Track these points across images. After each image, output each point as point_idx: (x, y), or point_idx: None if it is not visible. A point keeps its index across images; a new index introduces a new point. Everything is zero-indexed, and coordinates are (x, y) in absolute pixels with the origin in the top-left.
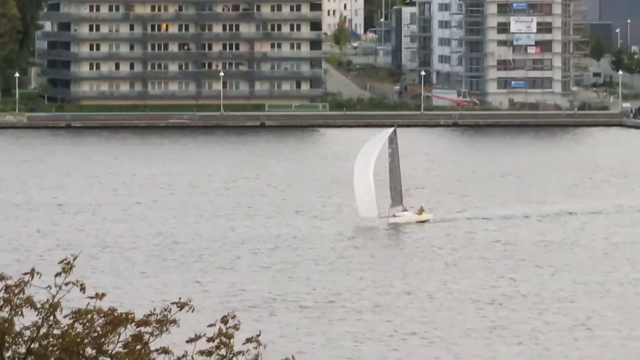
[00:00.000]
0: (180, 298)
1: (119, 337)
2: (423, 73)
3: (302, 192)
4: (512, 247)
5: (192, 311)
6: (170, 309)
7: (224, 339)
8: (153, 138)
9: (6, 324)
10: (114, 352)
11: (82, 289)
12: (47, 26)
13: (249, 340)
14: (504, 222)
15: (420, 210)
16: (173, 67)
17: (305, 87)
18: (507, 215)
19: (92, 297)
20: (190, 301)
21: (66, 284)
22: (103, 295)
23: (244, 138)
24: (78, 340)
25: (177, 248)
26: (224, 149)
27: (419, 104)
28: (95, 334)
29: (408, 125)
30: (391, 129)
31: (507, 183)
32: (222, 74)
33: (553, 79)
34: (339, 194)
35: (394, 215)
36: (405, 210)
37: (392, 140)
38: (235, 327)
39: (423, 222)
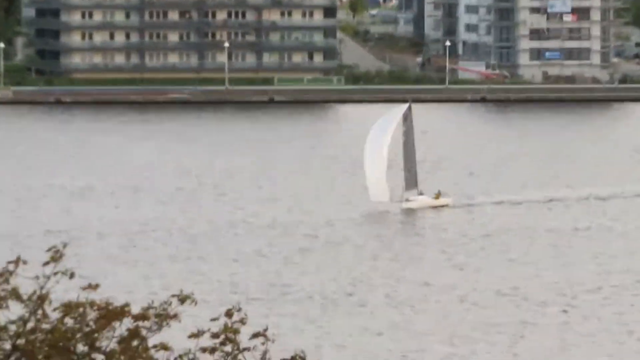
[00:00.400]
0: (181, 290)
1: (113, 332)
2: (448, 43)
3: (312, 174)
4: (541, 234)
5: (195, 304)
6: (171, 302)
7: (229, 335)
8: (151, 115)
9: None
10: (108, 349)
11: (72, 277)
12: None
13: (255, 335)
14: (533, 207)
15: (438, 194)
16: (173, 37)
17: (318, 59)
18: (536, 199)
19: (84, 289)
20: (192, 294)
21: (55, 274)
22: (96, 286)
23: (250, 115)
24: (69, 335)
25: (176, 235)
26: (228, 127)
27: (444, 78)
28: (88, 329)
29: (431, 101)
30: (405, 105)
31: (538, 164)
32: (226, 44)
33: (591, 49)
34: (352, 177)
35: (408, 200)
36: (420, 194)
37: (407, 117)
38: (242, 322)
39: (440, 207)
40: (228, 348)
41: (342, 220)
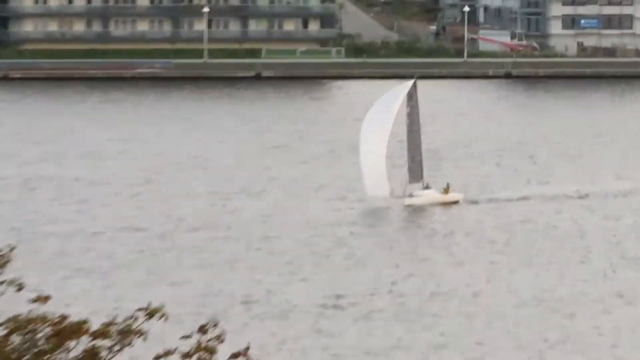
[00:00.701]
0: (149, 302)
1: (68, 353)
2: (467, 9)
3: (303, 164)
4: (571, 235)
5: (165, 319)
6: (136, 317)
7: (203, 355)
8: (116, 93)
9: None
10: None
11: (20, 289)
12: None
13: (235, 356)
14: (563, 203)
15: (447, 189)
16: (143, 2)
17: (314, 26)
18: (567, 194)
19: (34, 301)
20: (162, 306)
21: (0, 283)
22: (47, 298)
23: (234, 93)
24: (14, 356)
25: (142, 236)
26: (207, 108)
27: (462, 49)
28: (38, 349)
29: (446, 77)
30: (410, 82)
31: (572, 152)
32: (206, 9)
33: (634, 16)
34: (349, 166)
35: (411, 195)
36: (427, 187)
37: (412, 96)
38: (219, 339)
39: (450, 203)
40: None
41: (334, 218)
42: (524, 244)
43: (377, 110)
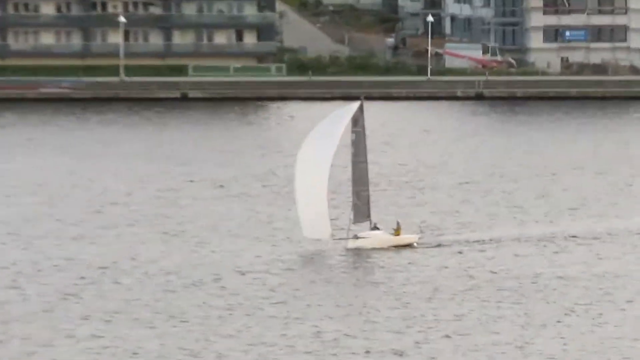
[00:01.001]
0: None
1: None
2: (430, 18)
3: (233, 200)
4: (553, 285)
5: None
6: None
7: None
8: (14, 116)
9: None
10: None
11: None
12: None
13: None
14: (539, 247)
15: (398, 229)
16: (47, 9)
17: (250, 39)
18: (544, 235)
19: None
20: None
21: None
22: None
23: (154, 117)
24: None
25: (40, 281)
26: (122, 134)
27: (425, 66)
28: None
29: (407, 98)
30: (356, 104)
31: (552, 187)
32: (122, 19)
33: (628, 27)
34: (284, 204)
35: (356, 237)
36: (375, 227)
37: (357, 121)
38: None
39: (403, 246)
40: None
41: (266, 265)
42: (489, 296)
43: (315, 137)
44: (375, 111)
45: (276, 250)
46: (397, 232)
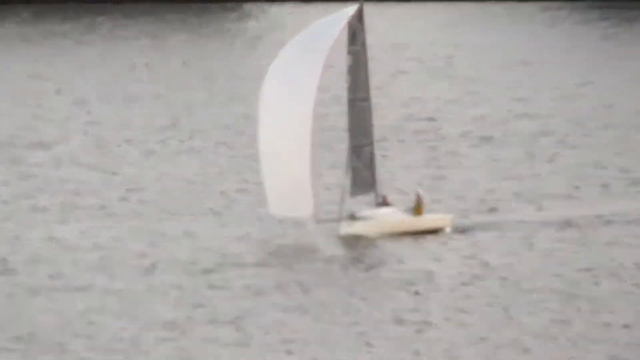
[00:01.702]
0: None
1: None
2: None
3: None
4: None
5: None
6: None
7: None
8: None
9: None
10: None
11: None
12: None
13: None
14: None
15: (419, 205)
16: None
17: None
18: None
19: None
20: None
21: None
22: None
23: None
24: None
25: None
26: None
27: None
28: None
29: None
30: (354, 7)
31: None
32: None
33: None
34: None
35: (354, 217)
36: (383, 203)
37: (355, 35)
38: None
39: (428, 232)
40: None
41: (231, 258)
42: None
43: (285, 67)
44: (376, 20)
45: (238, 230)
46: (417, 209)
